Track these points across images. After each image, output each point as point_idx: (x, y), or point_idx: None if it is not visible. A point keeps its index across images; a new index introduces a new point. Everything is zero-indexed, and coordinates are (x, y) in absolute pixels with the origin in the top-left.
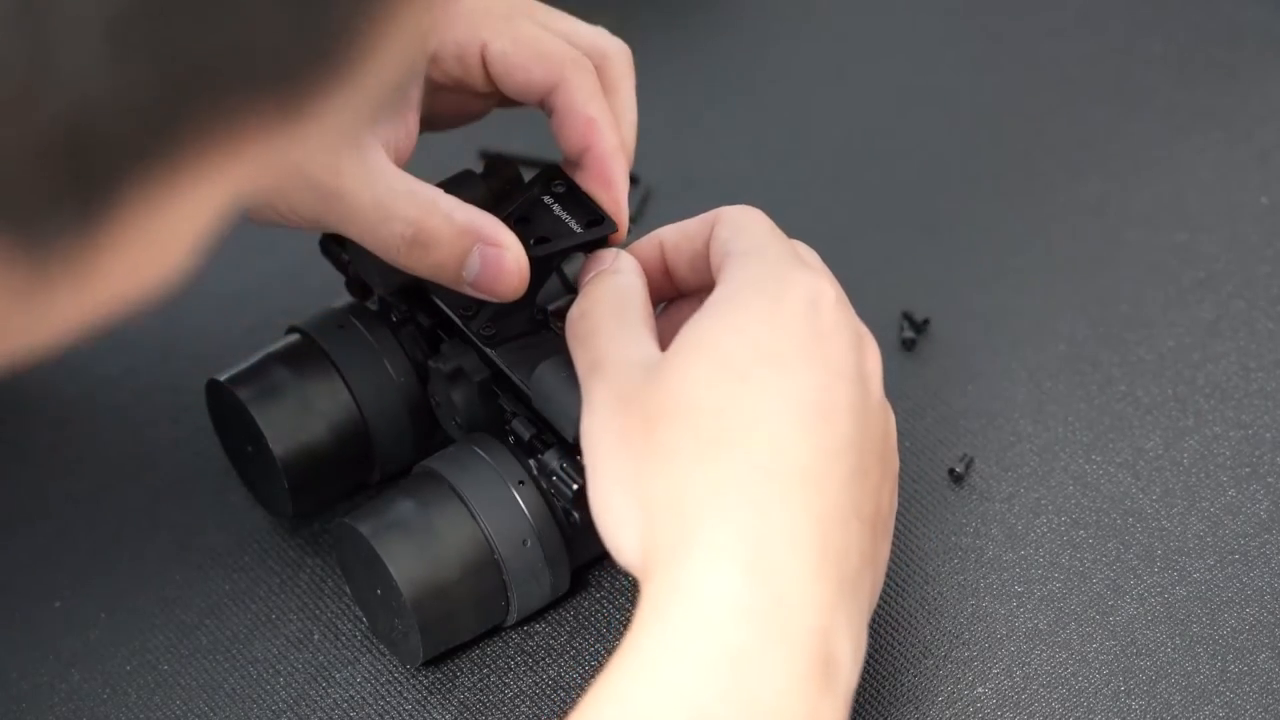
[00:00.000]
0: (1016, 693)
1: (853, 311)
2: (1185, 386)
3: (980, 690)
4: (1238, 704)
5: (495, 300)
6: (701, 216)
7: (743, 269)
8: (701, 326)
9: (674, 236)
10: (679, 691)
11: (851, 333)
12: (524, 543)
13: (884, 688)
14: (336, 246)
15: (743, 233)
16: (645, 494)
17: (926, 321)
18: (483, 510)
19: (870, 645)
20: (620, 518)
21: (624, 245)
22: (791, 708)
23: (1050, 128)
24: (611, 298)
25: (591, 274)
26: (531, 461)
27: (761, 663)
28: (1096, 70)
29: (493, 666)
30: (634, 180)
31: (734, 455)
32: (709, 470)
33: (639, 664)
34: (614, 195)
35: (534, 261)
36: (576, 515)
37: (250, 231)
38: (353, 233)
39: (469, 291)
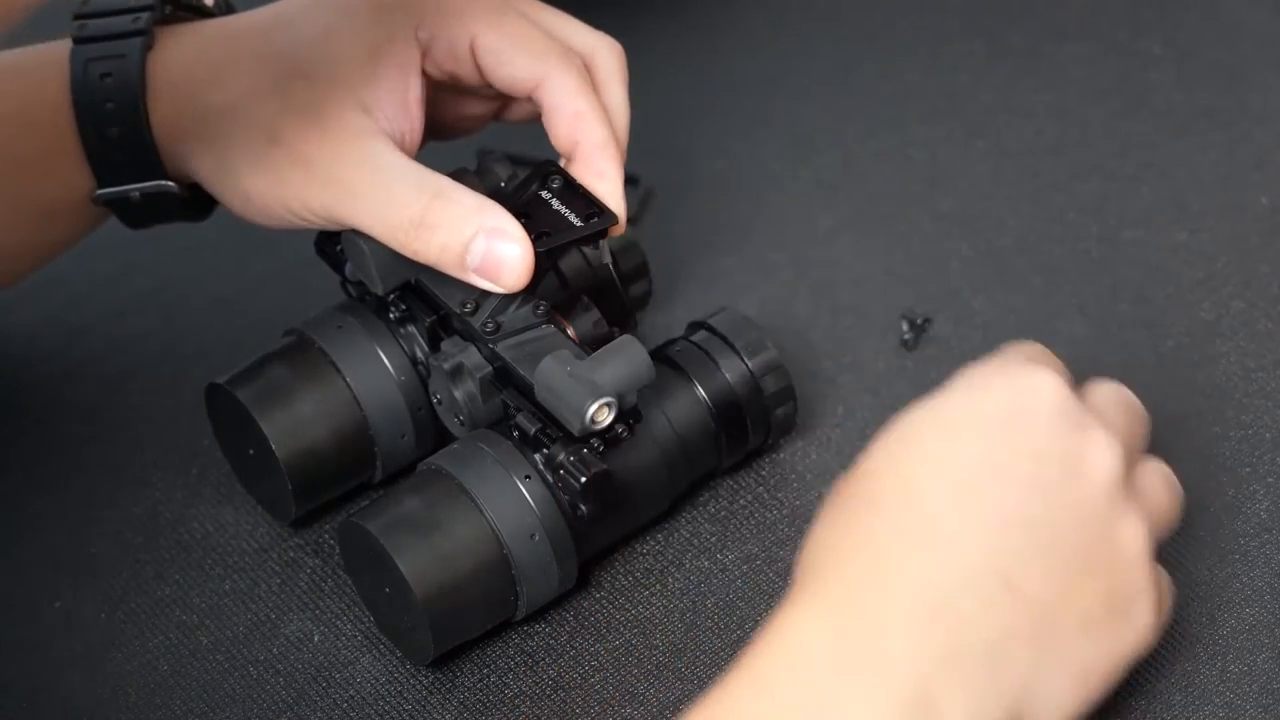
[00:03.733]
0: None
1: (1085, 411)
2: (1185, 386)
3: None
4: (1238, 704)
5: (499, 290)
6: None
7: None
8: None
9: None
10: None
11: (1065, 421)
12: (532, 537)
13: None
14: (332, 246)
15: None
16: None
17: (927, 321)
18: (490, 505)
19: None
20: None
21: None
22: None
23: (1050, 128)
24: None
25: None
26: (537, 455)
27: (841, 701)
28: (1096, 70)
29: (493, 666)
30: (634, 180)
31: (875, 513)
32: (849, 527)
33: (725, 696)
34: (608, 186)
35: (536, 256)
36: (584, 508)
37: (250, 232)
38: (362, 222)
39: (473, 279)
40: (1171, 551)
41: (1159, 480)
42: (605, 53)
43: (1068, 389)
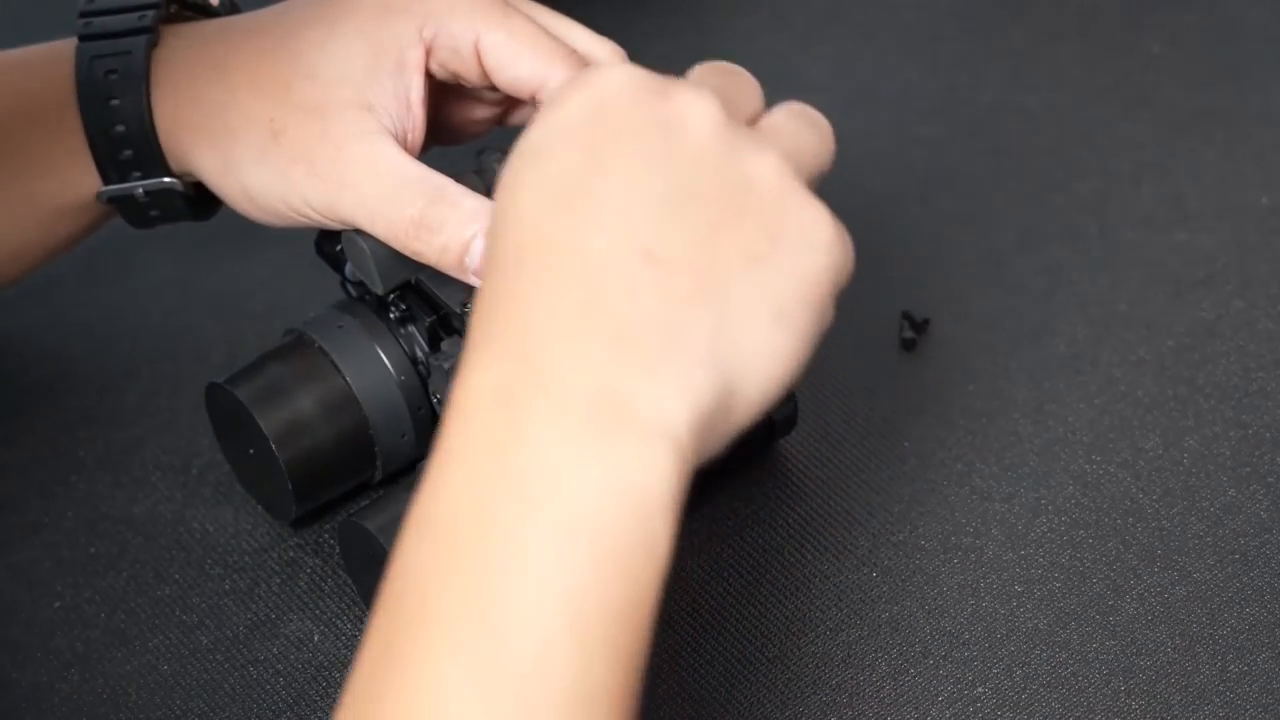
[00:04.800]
0: (1016, 693)
1: (664, 82)
2: (1185, 386)
3: (980, 690)
4: (1238, 704)
5: None
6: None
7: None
8: None
9: None
10: (450, 484)
11: (645, 94)
12: None
13: (884, 688)
14: (332, 246)
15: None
16: None
17: (926, 321)
18: None
19: (871, 645)
20: None
21: None
22: (567, 459)
23: (1050, 128)
24: None
25: None
26: None
27: (525, 434)
28: (1096, 70)
29: None
30: None
31: (499, 266)
32: (489, 292)
33: (426, 485)
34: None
35: None
36: None
37: (250, 232)
38: (362, 220)
39: (472, 280)
40: (1170, 553)
41: (788, 117)
42: (608, 57)
43: (640, 71)
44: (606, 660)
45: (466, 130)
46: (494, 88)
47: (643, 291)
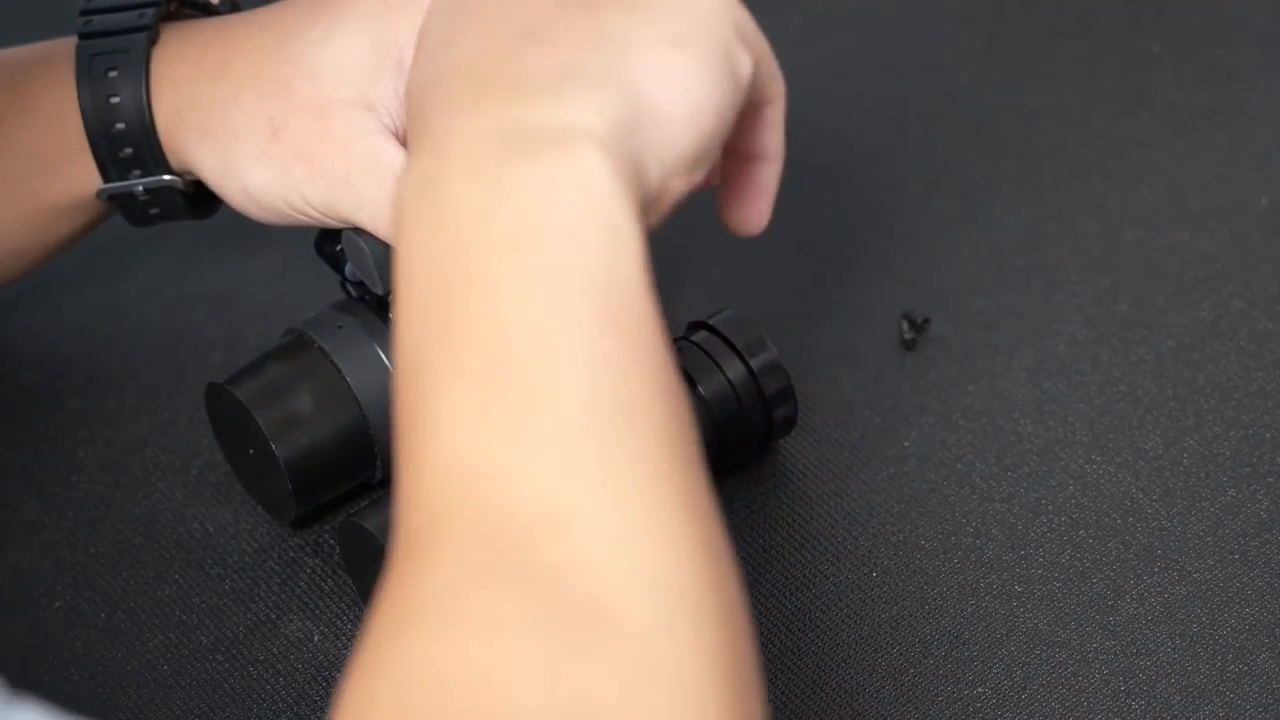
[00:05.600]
0: (1016, 693)
1: None
2: (1185, 386)
3: (980, 690)
4: (1238, 704)
5: None
6: None
7: None
8: None
9: None
10: (409, 265)
11: None
12: None
13: (884, 688)
14: (332, 246)
15: None
16: None
17: (926, 321)
18: None
19: (871, 645)
20: None
21: None
22: (494, 193)
23: (1050, 128)
24: None
25: None
26: None
27: (450, 189)
28: (1096, 70)
29: None
30: None
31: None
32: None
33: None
34: None
35: None
36: None
37: (250, 232)
38: (363, 219)
39: None
40: (1170, 553)
41: None
42: None
43: None
44: (614, 339)
45: None
46: None
47: (529, 53)
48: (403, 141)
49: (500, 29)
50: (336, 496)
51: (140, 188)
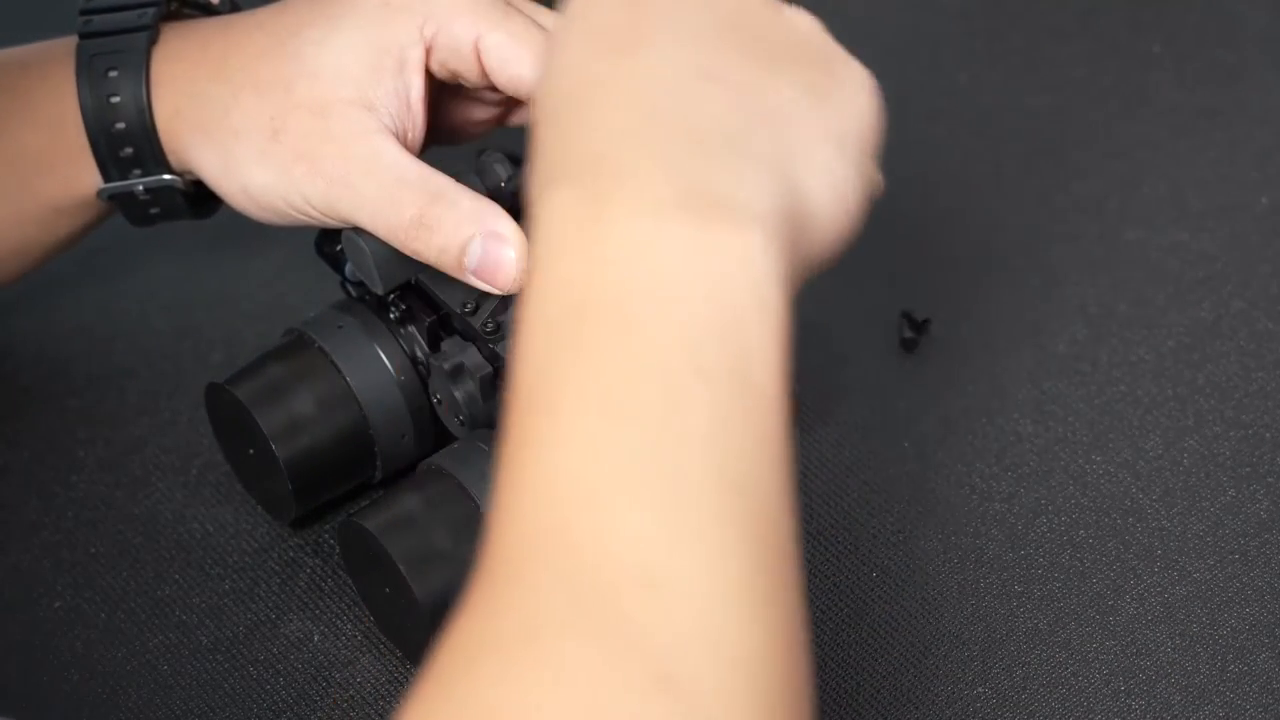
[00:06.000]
0: (1016, 693)
1: None
2: (1185, 386)
3: (980, 690)
4: (1238, 704)
5: (496, 291)
6: None
7: None
8: None
9: None
10: (549, 289)
11: None
12: None
13: (884, 688)
14: (332, 246)
15: None
16: None
17: (927, 321)
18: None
19: (870, 645)
20: None
21: None
22: (665, 246)
23: (1050, 128)
24: None
25: None
26: None
27: (615, 225)
28: (1096, 70)
29: None
30: None
31: (546, 99)
32: (544, 133)
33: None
34: None
35: None
36: None
37: (250, 232)
38: (362, 219)
39: (471, 280)
40: (1170, 553)
41: None
42: None
43: None
44: (742, 411)
45: (466, 130)
46: (494, 88)
47: (708, 101)
48: (403, 141)
49: (681, 57)
50: (336, 496)
51: (140, 187)
